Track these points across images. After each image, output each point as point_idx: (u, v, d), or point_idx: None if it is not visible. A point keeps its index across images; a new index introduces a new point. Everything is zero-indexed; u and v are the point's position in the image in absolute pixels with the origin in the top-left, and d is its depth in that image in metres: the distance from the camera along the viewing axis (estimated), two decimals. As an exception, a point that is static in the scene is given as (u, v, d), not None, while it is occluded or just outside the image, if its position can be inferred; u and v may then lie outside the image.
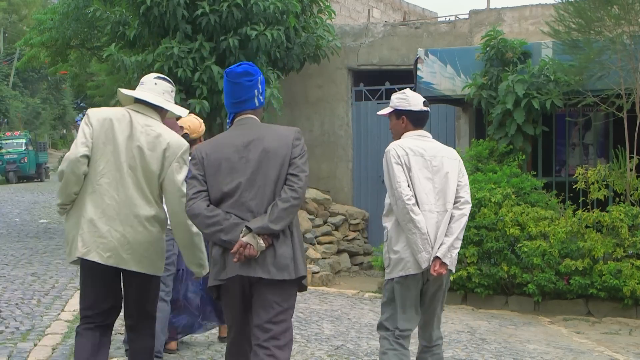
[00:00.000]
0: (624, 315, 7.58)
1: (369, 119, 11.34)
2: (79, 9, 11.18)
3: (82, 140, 3.60)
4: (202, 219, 3.37)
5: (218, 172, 3.42)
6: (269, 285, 3.36)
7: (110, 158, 3.60)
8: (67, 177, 3.59)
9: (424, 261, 3.86)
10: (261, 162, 3.41)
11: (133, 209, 3.60)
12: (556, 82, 8.49)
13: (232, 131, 3.55)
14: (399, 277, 3.94)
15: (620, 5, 7.98)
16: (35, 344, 5.26)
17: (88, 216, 3.57)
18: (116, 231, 3.56)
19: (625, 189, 7.95)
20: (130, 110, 3.72)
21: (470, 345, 6.13)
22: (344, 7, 16.23)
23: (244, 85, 3.51)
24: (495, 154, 8.94)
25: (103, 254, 3.55)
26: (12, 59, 39.77)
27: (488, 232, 7.91)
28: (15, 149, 28.78)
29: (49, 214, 15.37)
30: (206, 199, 3.40)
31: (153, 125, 3.69)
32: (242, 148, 3.44)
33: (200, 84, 9.26)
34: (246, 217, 3.36)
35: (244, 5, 9.19)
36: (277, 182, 3.40)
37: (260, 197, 3.39)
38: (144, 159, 3.61)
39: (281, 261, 3.35)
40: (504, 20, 10.52)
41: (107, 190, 3.59)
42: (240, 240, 3.28)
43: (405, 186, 3.90)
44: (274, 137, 3.46)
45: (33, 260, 9.36)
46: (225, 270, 3.38)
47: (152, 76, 3.87)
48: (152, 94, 3.75)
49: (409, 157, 3.96)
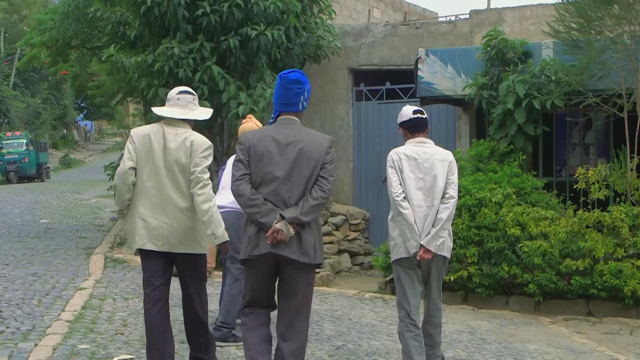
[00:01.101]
0: (624, 315, 7.58)
1: (369, 119, 11.34)
2: (80, 9, 11.18)
3: (128, 156, 4.50)
4: (245, 199, 4.04)
5: (261, 161, 4.07)
6: (294, 265, 4.04)
7: (151, 166, 4.47)
8: (120, 187, 4.51)
9: (412, 247, 4.67)
10: (297, 161, 4.05)
11: (173, 203, 4.44)
12: (557, 82, 8.49)
13: (276, 127, 4.18)
14: (396, 259, 4.80)
15: (620, 5, 7.98)
16: (36, 344, 5.26)
17: (140, 215, 4.46)
18: (164, 223, 4.43)
19: (625, 189, 7.95)
20: (163, 125, 4.58)
21: (471, 345, 6.13)
22: (344, 7, 16.23)
23: (293, 90, 4.13)
24: (496, 154, 8.94)
25: (157, 242, 4.44)
26: (12, 59, 39.75)
27: (489, 232, 7.91)
28: (16, 149, 28.72)
29: (49, 214, 15.38)
30: (249, 182, 4.07)
31: (180, 132, 4.52)
32: (283, 146, 4.07)
33: (201, 84, 9.25)
34: (280, 205, 4.01)
35: (245, 5, 9.19)
36: (308, 180, 4.05)
37: (293, 191, 4.03)
38: (177, 160, 4.45)
39: (305, 247, 4.02)
40: (504, 20, 10.52)
41: (151, 192, 4.45)
42: (274, 226, 3.93)
43: (396, 185, 4.74)
44: (311, 142, 4.11)
45: (34, 260, 9.36)
46: (258, 247, 4.02)
47: (175, 92, 4.65)
48: (176, 109, 4.57)
49: (402, 161, 4.78)
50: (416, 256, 4.65)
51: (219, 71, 9.24)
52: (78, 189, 23.05)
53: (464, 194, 8.16)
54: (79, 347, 5.26)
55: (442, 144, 9.47)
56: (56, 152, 40.06)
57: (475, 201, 8.03)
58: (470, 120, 10.45)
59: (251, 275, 4.18)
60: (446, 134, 10.54)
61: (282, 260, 4.02)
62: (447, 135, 10.49)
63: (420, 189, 4.74)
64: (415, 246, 4.66)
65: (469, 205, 8.04)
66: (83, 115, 49.18)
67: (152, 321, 4.51)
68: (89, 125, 55.56)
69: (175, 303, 6.99)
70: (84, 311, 6.45)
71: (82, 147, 48.39)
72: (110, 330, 5.84)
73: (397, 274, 4.84)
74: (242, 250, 4.15)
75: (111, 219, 14.12)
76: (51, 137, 41.30)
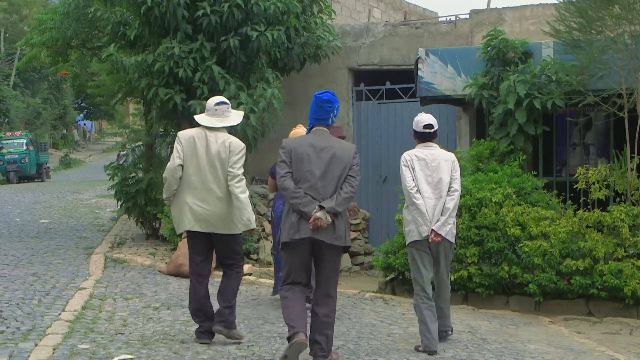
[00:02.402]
0: (624, 315, 7.58)
1: (369, 119, 11.33)
2: (80, 9, 11.17)
3: (176, 155, 5.51)
4: (289, 192, 5.00)
5: (301, 161, 5.04)
6: (329, 247, 5.00)
7: (196, 163, 5.49)
8: (169, 180, 5.55)
9: (424, 232, 5.71)
10: (330, 163, 5.04)
11: (214, 193, 5.47)
12: (557, 82, 8.48)
13: (312, 136, 5.19)
14: (410, 242, 5.83)
15: (621, 5, 7.97)
16: (36, 344, 5.26)
17: (187, 203, 5.49)
18: (207, 210, 5.47)
19: (626, 188, 7.94)
20: (205, 129, 5.58)
21: (471, 345, 6.13)
22: (344, 7, 16.25)
23: (325, 108, 5.16)
24: (496, 154, 8.93)
25: (202, 225, 5.49)
26: (12, 59, 39.73)
27: (489, 232, 7.90)
28: (16, 149, 28.69)
29: (49, 214, 15.38)
30: (292, 178, 5.02)
31: (220, 136, 5.55)
32: (319, 150, 5.06)
33: (201, 84, 9.26)
34: (317, 198, 4.96)
35: (245, 5, 9.19)
36: (339, 178, 5.05)
37: (328, 187, 5.01)
38: (219, 158, 5.47)
39: (338, 232, 4.99)
40: (504, 20, 10.52)
41: (196, 184, 5.49)
42: (314, 214, 4.88)
43: (410, 180, 5.80)
44: (341, 148, 5.15)
45: (34, 260, 9.36)
46: (299, 232, 4.94)
47: (212, 103, 5.64)
48: (214, 118, 5.58)
49: (414, 161, 5.85)
50: (428, 239, 5.67)
51: (219, 71, 9.24)
52: (78, 188, 23.06)
53: (464, 194, 8.16)
54: (79, 347, 5.26)
55: (443, 143, 9.54)
56: (56, 152, 40.05)
57: (475, 201, 8.02)
58: (470, 120, 10.44)
59: (290, 257, 5.07)
60: (446, 134, 10.53)
61: (318, 243, 4.95)
62: (447, 135, 10.48)
63: (429, 183, 5.78)
64: (426, 230, 5.69)
65: (469, 205, 8.03)
66: (83, 115, 49.15)
67: (196, 288, 5.59)
68: (89, 125, 55.52)
69: (175, 303, 7.00)
70: (84, 311, 6.45)
71: (82, 147, 48.39)
72: (110, 330, 5.84)
73: (412, 255, 5.86)
74: (283, 234, 5.05)
75: (111, 219, 14.13)
76: (51, 137, 41.27)
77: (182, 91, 9.47)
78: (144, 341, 5.56)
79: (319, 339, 5.03)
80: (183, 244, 8.83)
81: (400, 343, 6.00)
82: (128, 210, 11.18)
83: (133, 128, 11.90)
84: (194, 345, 5.49)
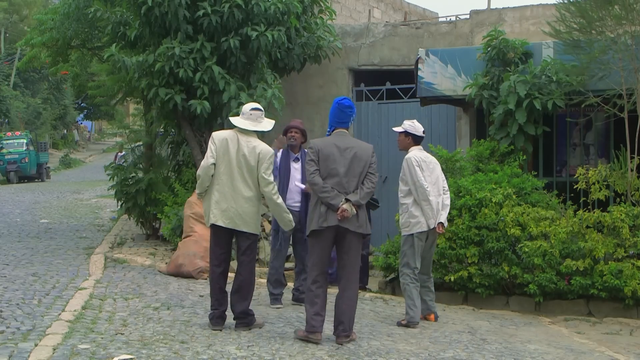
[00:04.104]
0: (624, 315, 7.58)
1: (370, 119, 11.32)
2: (80, 9, 11.16)
3: (210, 154, 5.93)
4: (319, 187, 5.69)
5: (327, 160, 5.74)
6: (353, 234, 5.73)
7: (227, 163, 5.92)
8: (202, 177, 5.97)
9: (431, 224, 6.61)
10: (353, 161, 5.76)
11: (240, 193, 5.91)
12: (558, 83, 8.49)
13: (334, 138, 5.90)
14: (417, 232, 6.62)
15: (621, 5, 7.98)
16: (36, 344, 5.25)
17: (215, 199, 5.93)
18: (232, 207, 5.90)
19: (626, 189, 7.95)
20: (237, 132, 6.01)
21: (471, 345, 6.13)
22: (344, 7, 16.24)
23: (346, 113, 5.95)
24: (496, 154, 8.93)
25: (225, 220, 5.92)
26: (13, 59, 39.73)
27: (489, 232, 7.91)
28: (16, 149, 28.68)
29: (49, 214, 15.38)
30: (320, 175, 5.71)
31: (251, 140, 5.99)
32: (342, 150, 5.78)
33: (202, 84, 9.25)
34: (342, 192, 5.67)
35: (245, 5, 9.18)
36: (360, 175, 5.77)
37: (351, 182, 5.73)
38: (247, 162, 5.91)
39: (361, 222, 5.74)
40: (505, 21, 10.52)
41: (225, 183, 5.92)
42: (342, 206, 5.61)
43: (423, 180, 6.57)
44: (361, 148, 5.87)
45: (34, 260, 9.36)
46: (327, 221, 5.65)
47: (248, 108, 6.09)
48: (248, 122, 6.01)
49: (420, 163, 6.62)
50: (433, 230, 6.63)
51: (220, 71, 9.23)
52: (78, 189, 23.06)
53: (464, 194, 8.17)
54: (79, 347, 5.26)
55: (443, 144, 9.62)
56: (56, 152, 40.05)
57: (475, 201, 8.02)
58: (470, 121, 10.44)
59: (317, 244, 5.75)
60: (446, 134, 10.54)
61: (342, 231, 5.68)
62: (447, 135, 10.49)
63: (431, 183, 6.64)
64: (433, 223, 6.61)
65: (469, 206, 8.04)
66: (83, 115, 49.12)
67: (214, 279, 6.05)
68: (89, 125, 55.50)
69: (175, 303, 7.00)
70: (84, 311, 6.44)
71: (82, 147, 48.38)
72: (110, 330, 5.83)
73: (412, 242, 6.65)
74: (312, 223, 5.72)
75: (111, 219, 14.13)
76: (51, 137, 41.26)
77: (182, 91, 9.46)
78: (144, 341, 5.55)
79: (343, 319, 5.70)
80: (183, 244, 8.84)
81: (400, 343, 5.99)
82: (128, 210, 11.18)
83: (133, 128, 11.91)
84: (194, 345, 5.49)
